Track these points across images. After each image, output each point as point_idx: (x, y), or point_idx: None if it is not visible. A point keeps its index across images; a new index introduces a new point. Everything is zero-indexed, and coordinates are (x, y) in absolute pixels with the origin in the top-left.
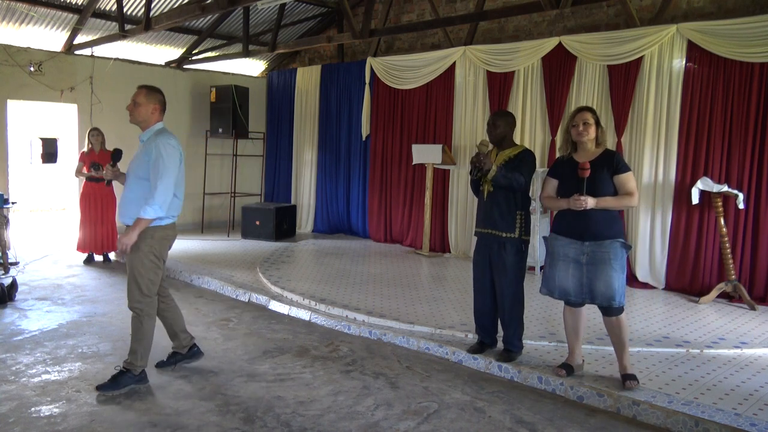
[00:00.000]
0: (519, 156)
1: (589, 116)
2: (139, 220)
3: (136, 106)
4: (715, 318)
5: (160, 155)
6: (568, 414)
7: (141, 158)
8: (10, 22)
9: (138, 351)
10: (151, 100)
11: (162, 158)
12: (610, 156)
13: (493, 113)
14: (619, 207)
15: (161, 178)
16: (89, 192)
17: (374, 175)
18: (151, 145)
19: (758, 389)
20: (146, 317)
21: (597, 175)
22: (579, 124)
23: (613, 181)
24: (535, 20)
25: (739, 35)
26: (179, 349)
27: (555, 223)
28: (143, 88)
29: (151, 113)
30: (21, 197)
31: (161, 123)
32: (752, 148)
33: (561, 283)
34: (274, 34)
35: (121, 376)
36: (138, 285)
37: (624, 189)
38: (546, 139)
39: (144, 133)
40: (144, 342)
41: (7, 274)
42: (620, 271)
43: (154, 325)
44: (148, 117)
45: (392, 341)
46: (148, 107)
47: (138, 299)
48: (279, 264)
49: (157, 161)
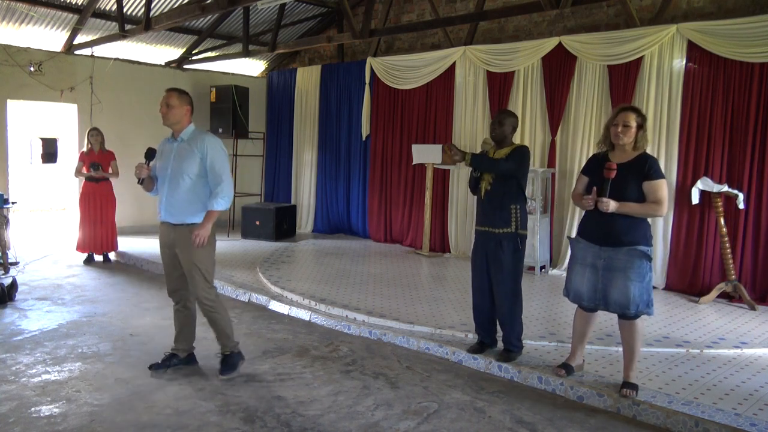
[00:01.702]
0: (512, 152)
1: (631, 118)
2: (211, 213)
3: (170, 108)
4: (715, 318)
5: (217, 151)
6: (568, 414)
7: (189, 158)
8: (10, 22)
9: (229, 333)
10: (183, 101)
11: (220, 153)
12: (644, 161)
13: (500, 111)
14: (644, 214)
15: (226, 173)
16: (89, 192)
17: (374, 175)
18: (197, 144)
19: (758, 389)
20: (218, 304)
21: (624, 179)
22: (619, 124)
23: (641, 187)
24: (535, 20)
25: (739, 35)
26: (179, 352)
27: (580, 225)
28: (174, 91)
29: (185, 114)
30: (21, 197)
31: (192, 124)
32: (752, 148)
33: (576, 286)
34: (274, 34)
35: (230, 358)
36: (203, 276)
37: (652, 197)
38: (546, 139)
39: (183, 133)
40: (228, 323)
41: (7, 274)
42: (637, 280)
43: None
44: (182, 118)
45: (392, 341)
46: (182, 109)
47: (206, 290)
48: (279, 264)
49: (217, 157)
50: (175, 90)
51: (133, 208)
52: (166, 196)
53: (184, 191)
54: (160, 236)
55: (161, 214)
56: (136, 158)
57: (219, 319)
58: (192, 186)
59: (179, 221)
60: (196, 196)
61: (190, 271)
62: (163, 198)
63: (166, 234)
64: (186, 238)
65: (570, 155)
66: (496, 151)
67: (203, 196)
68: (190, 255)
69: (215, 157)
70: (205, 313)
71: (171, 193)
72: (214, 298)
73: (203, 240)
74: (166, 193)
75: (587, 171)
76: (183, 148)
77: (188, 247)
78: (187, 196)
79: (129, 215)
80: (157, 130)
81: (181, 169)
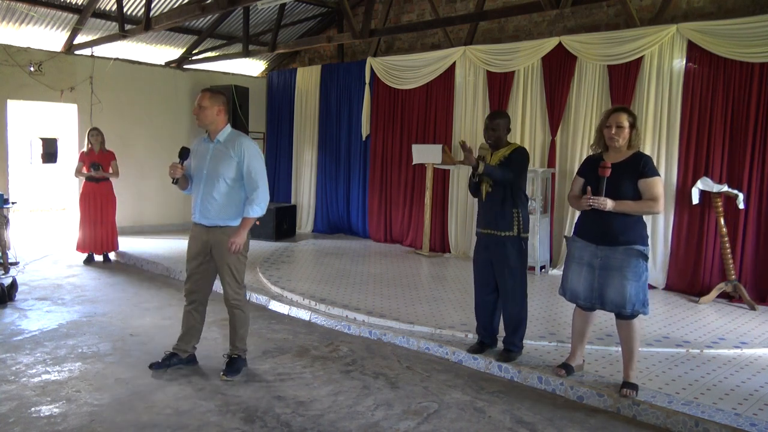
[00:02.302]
0: (511, 154)
1: (624, 119)
2: (247, 220)
3: (202, 109)
4: (715, 318)
5: (255, 156)
6: (568, 414)
7: (225, 160)
8: (10, 22)
9: (244, 337)
10: (215, 102)
11: (257, 159)
12: (639, 159)
13: (491, 115)
14: (640, 212)
15: (262, 179)
16: (89, 192)
17: (374, 175)
18: (234, 146)
19: (758, 389)
20: (245, 305)
21: (619, 178)
22: (612, 126)
23: (637, 186)
24: (535, 20)
25: (739, 35)
26: (180, 353)
27: (576, 224)
28: (206, 92)
29: (217, 114)
30: (21, 197)
31: (229, 126)
32: (752, 148)
33: (572, 285)
34: (274, 34)
35: (237, 362)
36: (236, 279)
37: (648, 194)
38: (546, 139)
39: (220, 134)
40: (247, 328)
41: (7, 274)
42: (634, 279)
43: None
44: (215, 118)
45: (392, 341)
46: (213, 109)
47: (237, 291)
48: (279, 264)
49: (254, 162)
50: (208, 90)
51: (133, 208)
52: (201, 198)
53: (220, 194)
54: (192, 237)
55: (195, 215)
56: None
57: (244, 319)
58: (228, 190)
59: (214, 224)
60: (231, 199)
61: (223, 272)
62: (198, 200)
63: (199, 235)
64: (221, 241)
65: (570, 155)
66: (493, 153)
67: (239, 200)
68: (224, 257)
69: (252, 162)
70: (231, 311)
71: (206, 196)
72: (242, 298)
73: (238, 248)
74: (201, 195)
75: (582, 173)
76: (219, 150)
77: (223, 249)
78: (223, 200)
79: (129, 215)
80: (157, 130)
81: (217, 172)
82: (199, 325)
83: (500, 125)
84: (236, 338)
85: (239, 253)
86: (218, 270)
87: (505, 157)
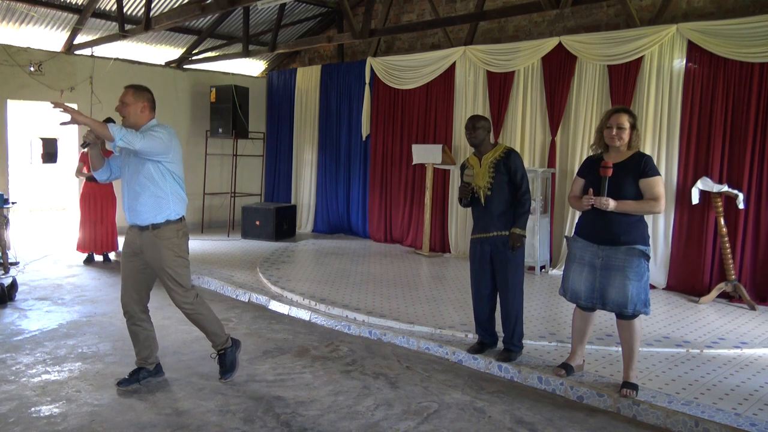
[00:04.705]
0: (507, 163)
1: (625, 120)
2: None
3: (125, 106)
4: (715, 318)
5: (153, 129)
6: (568, 414)
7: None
8: (10, 22)
9: (216, 331)
10: (139, 98)
11: (154, 129)
12: (639, 159)
13: (474, 117)
14: (642, 212)
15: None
16: (89, 192)
17: (374, 175)
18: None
19: (758, 389)
20: (199, 305)
21: (620, 178)
22: (613, 127)
23: (638, 185)
24: (535, 20)
25: (739, 35)
26: (146, 365)
27: (577, 224)
28: (130, 88)
29: (140, 112)
30: (21, 197)
31: (154, 119)
32: (752, 148)
33: (573, 285)
34: (274, 34)
35: (225, 358)
36: (178, 283)
37: (649, 193)
38: (546, 139)
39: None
40: (214, 321)
41: (7, 274)
42: (636, 279)
43: (207, 304)
44: (138, 116)
45: (392, 341)
46: (138, 105)
47: (183, 295)
48: (279, 264)
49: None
50: (132, 86)
51: None
52: (127, 197)
53: (142, 191)
54: (126, 243)
55: (126, 217)
56: None
57: (202, 319)
58: (150, 184)
59: (140, 223)
60: (154, 196)
61: (164, 279)
62: (125, 199)
63: (133, 240)
64: (152, 243)
65: (570, 155)
66: (482, 156)
67: (166, 192)
68: (157, 267)
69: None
70: (188, 317)
71: (134, 194)
72: (191, 301)
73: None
74: (127, 194)
75: (582, 173)
76: None
77: (156, 252)
78: (148, 198)
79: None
80: None
81: (137, 169)
82: (146, 333)
83: (484, 127)
84: (210, 336)
85: (168, 249)
86: (158, 277)
87: (497, 159)
